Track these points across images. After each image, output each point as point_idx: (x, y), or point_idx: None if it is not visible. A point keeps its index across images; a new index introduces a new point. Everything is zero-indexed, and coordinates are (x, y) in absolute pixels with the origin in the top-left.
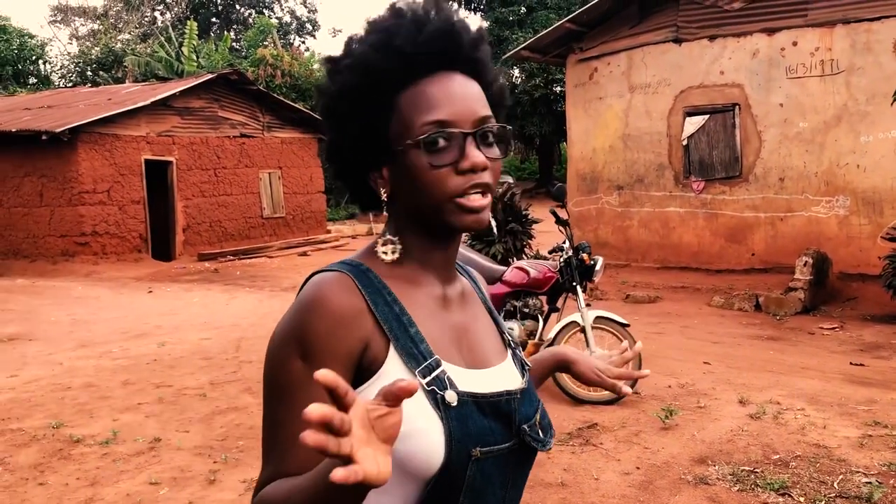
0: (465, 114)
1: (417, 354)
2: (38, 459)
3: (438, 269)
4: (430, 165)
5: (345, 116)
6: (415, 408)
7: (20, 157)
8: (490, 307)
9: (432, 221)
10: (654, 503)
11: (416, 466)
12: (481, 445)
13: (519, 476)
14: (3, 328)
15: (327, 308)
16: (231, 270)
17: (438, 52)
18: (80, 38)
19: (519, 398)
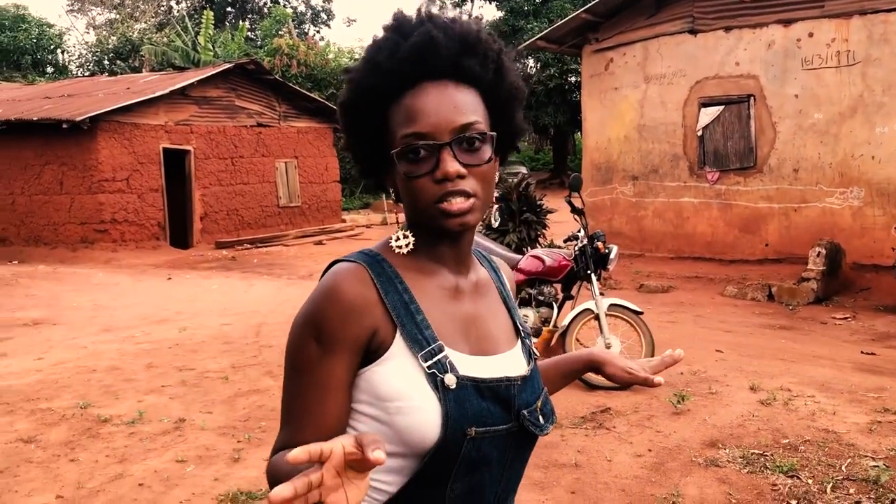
0: (441, 125)
1: (421, 340)
2: (68, 437)
3: (450, 261)
4: (406, 176)
5: (349, 128)
6: (415, 388)
7: (41, 146)
8: (507, 296)
9: (425, 223)
10: (665, 484)
11: (413, 439)
12: (477, 425)
13: (518, 457)
14: (28, 313)
15: (340, 298)
16: (248, 258)
17: (417, 65)
18: (98, 27)
19: (520, 384)
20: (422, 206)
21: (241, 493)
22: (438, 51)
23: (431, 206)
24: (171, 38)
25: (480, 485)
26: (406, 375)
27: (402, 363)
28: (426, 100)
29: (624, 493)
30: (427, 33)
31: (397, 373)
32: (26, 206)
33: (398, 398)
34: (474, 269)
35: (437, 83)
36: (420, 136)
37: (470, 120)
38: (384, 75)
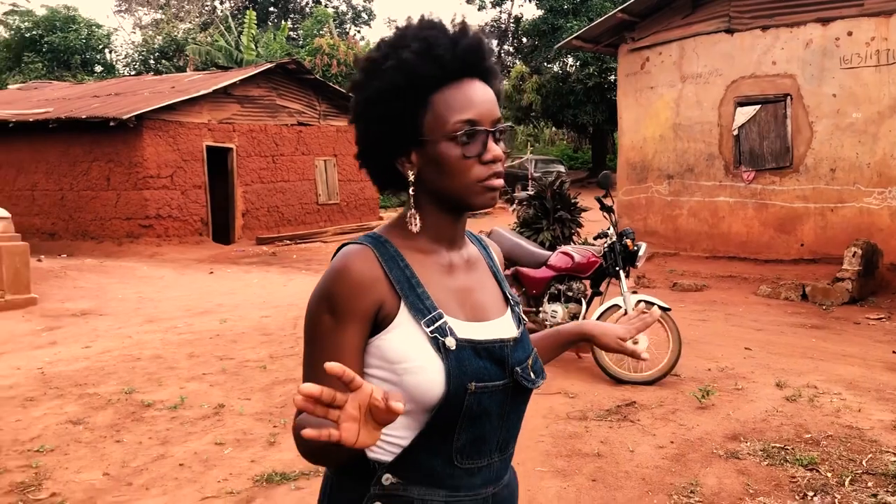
0: (487, 115)
1: (423, 309)
2: (113, 420)
3: (447, 241)
4: (462, 156)
5: (383, 109)
6: (420, 351)
7: (89, 143)
8: (496, 270)
9: (454, 200)
10: (685, 474)
11: (421, 395)
12: (477, 381)
13: (514, 410)
14: (77, 304)
15: (349, 276)
16: (287, 254)
17: (469, 62)
18: (144, 27)
19: (512, 345)
20: (464, 183)
21: (276, 474)
22: (484, 53)
23: (476, 184)
24: (214, 38)
25: (483, 434)
26: (411, 340)
27: (407, 330)
28: (476, 92)
29: (644, 481)
30: (478, 37)
31: (404, 338)
32: (75, 202)
33: (406, 360)
34: (466, 247)
35: (478, 80)
36: (473, 123)
37: (500, 114)
38: (441, 65)
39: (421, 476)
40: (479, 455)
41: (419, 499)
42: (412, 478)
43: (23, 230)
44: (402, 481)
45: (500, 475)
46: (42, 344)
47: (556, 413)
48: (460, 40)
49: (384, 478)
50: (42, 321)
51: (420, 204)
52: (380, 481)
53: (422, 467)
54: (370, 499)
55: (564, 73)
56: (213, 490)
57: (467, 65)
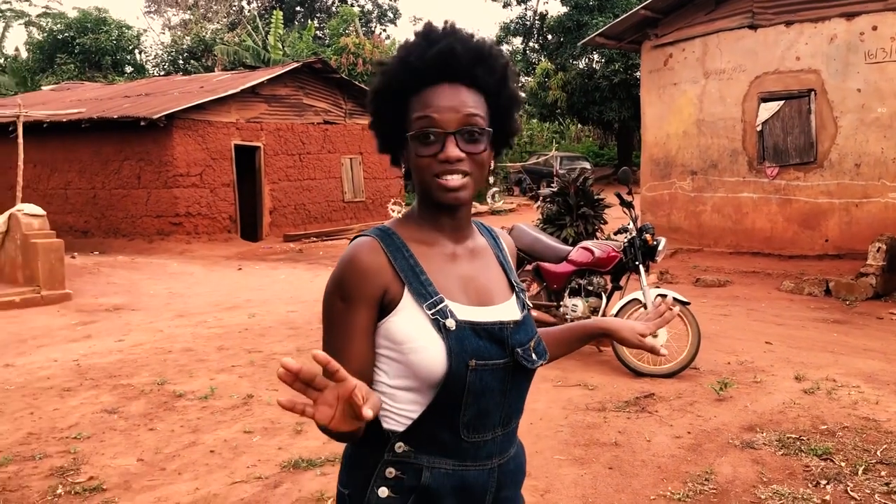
0: (449, 116)
1: (425, 294)
2: (146, 410)
3: (448, 231)
4: (416, 155)
5: (377, 111)
6: (423, 331)
7: (120, 142)
8: (503, 259)
9: (424, 194)
10: (700, 463)
11: (426, 372)
12: (477, 359)
13: (516, 387)
14: (109, 299)
15: (357, 265)
16: (314, 251)
17: (439, 67)
18: (172, 27)
19: (512, 327)
20: (426, 179)
21: (303, 461)
22: (457, 59)
23: (432, 181)
24: (242, 38)
25: (487, 409)
26: (415, 322)
27: (411, 313)
28: (441, 95)
29: (660, 469)
30: (450, 44)
31: (408, 321)
32: (106, 200)
33: (410, 340)
34: (473, 237)
35: (452, 84)
36: (431, 123)
37: (473, 115)
38: (412, 72)
39: (430, 446)
40: (484, 429)
41: (428, 466)
42: (422, 447)
43: (56, 228)
44: (413, 450)
45: (504, 448)
46: (77, 337)
47: (576, 404)
48: (431, 47)
49: (397, 446)
50: (77, 316)
51: (418, 198)
52: (393, 449)
53: (431, 438)
54: (384, 464)
55: (590, 69)
56: (242, 475)
57: (438, 70)
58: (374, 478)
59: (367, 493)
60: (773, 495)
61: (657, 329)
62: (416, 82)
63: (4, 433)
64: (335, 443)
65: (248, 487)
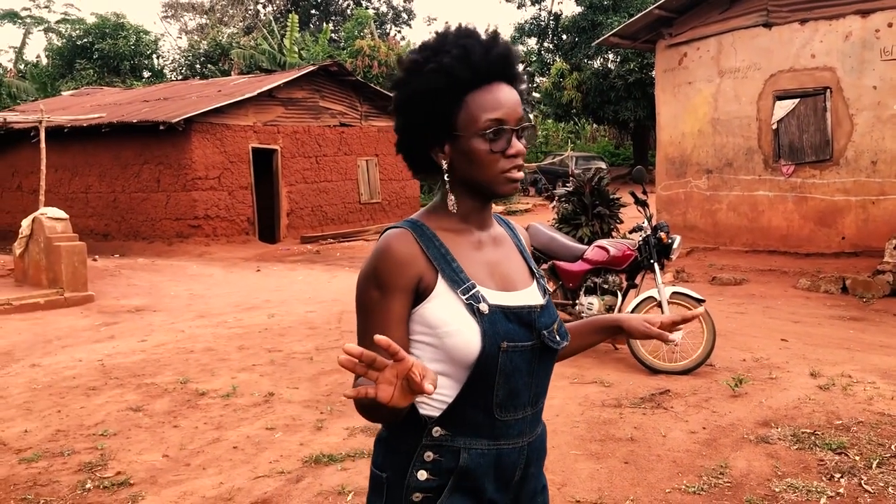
0: (512, 115)
1: (458, 280)
2: (170, 407)
3: (475, 222)
4: (489, 150)
5: (423, 106)
6: (458, 316)
7: (140, 146)
8: (522, 248)
9: (482, 187)
10: (715, 457)
11: (461, 354)
12: (508, 341)
13: (542, 368)
14: (131, 301)
15: (391, 255)
16: (331, 252)
17: (499, 68)
18: (189, 32)
19: (538, 311)
20: (493, 173)
21: (324, 456)
22: (513, 60)
23: (500, 175)
24: (258, 42)
25: (517, 390)
26: (450, 307)
27: (445, 299)
28: (504, 95)
29: (675, 464)
30: (507, 46)
31: (443, 306)
32: (127, 203)
33: (445, 325)
34: (493, 227)
35: (508, 84)
36: (501, 122)
37: (524, 114)
38: (475, 70)
39: (466, 428)
40: (515, 408)
41: (465, 448)
42: (458, 430)
43: (77, 231)
44: (450, 433)
45: (533, 427)
46: (101, 338)
47: (592, 401)
48: (492, 49)
49: (434, 430)
50: (99, 317)
51: (455, 189)
52: (430, 433)
53: (466, 420)
54: (422, 448)
55: (605, 69)
56: (265, 470)
57: (497, 70)
58: (412, 461)
59: (406, 476)
60: (788, 488)
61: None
62: (477, 80)
63: (33, 430)
64: (355, 439)
65: (271, 482)
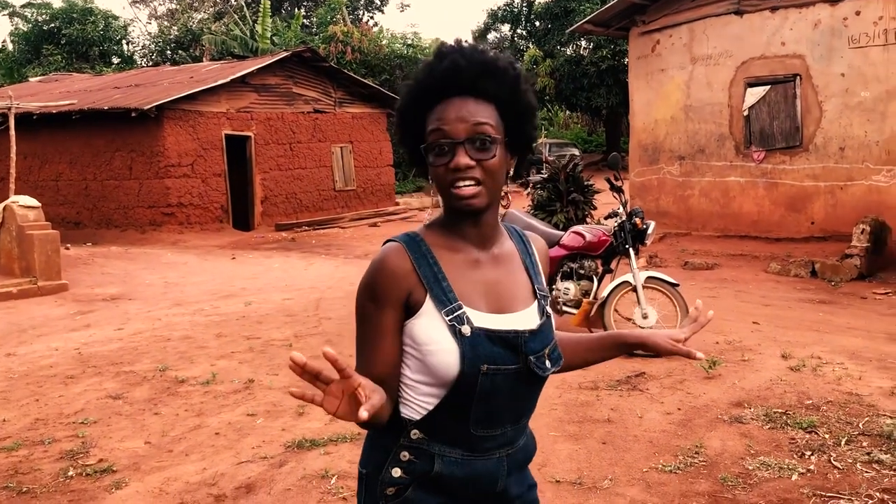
0: (457, 127)
1: (445, 300)
2: (150, 395)
3: (473, 238)
4: (432, 165)
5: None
6: (440, 336)
7: (111, 134)
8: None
9: (445, 203)
10: (691, 437)
11: (441, 372)
12: (490, 364)
13: (527, 392)
14: (106, 289)
15: (384, 269)
16: (307, 239)
17: (446, 83)
18: (159, 17)
19: (527, 336)
20: (442, 188)
21: (306, 441)
22: (461, 73)
23: (447, 190)
24: (229, 28)
25: (496, 410)
26: (434, 326)
27: (431, 318)
28: (449, 108)
29: (651, 444)
30: (454, 61)
31: (428, 324)
32: (98, 191)
33: (429, 343)
34: (499, 244)
35: (461, 98)
36: (442, 134)
37: (480, 123)
38: (424, 89)
39: (443, 436)
40: (493, 426)
41: (439, 454)
42: (435, 436)
43: (48, 219)
44: (427, 437)
45: (513, 440)
46: (76, 327)
47: (569, 383)
48: (437, 66)
49: (412, 432)
50: (74, 305)
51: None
52: (409, 435)
53: (443, 429)
54: (399, 448)
55: (578, 56)
56: (248, 455)
57: (446, 84)
58: (389, 459)
59: (381, 471)
60: (761, 466)
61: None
62: (428, 98)
63: (12, 419)
64: (337, 423)
65: (255, 467)
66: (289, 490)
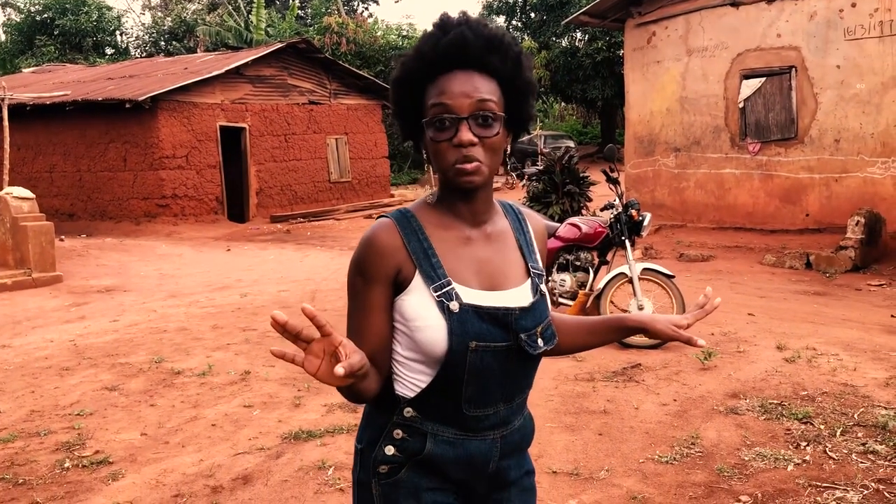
0: (462, 102)
1: (434, 276)
2: (146, 387)
3: (465, 216)
4: (432, 140)
5: (396, 100)
6: (429, 312)
7: (106, 125)
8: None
9: (444, 179)
10: (686, 428)
11: (429, 348)
12: (478, 341)
13: (519, 370)
14: (101, 281)
15: (373, 245)
16: (302, 231)
17: (451, 56)
18: (153, 8)
19: (518, 313)
20: (443, 165)
21: (303, 432)
22: (469, 46)
23: (448, 165)
24: (223, 19)
25: (487, 388)
26: (422, 302)
27: (420, 294)
28: (454, 81)
29: (647, 435)
30: (461, 33)
31: (417, 300)
32: (93, 183)
33: (417, 319)
34: (493, 220)
35: (465, 71)
36: (445, 109)
37: (485, 100)
38: (427, 61)
39: (435, 415)
40: (485, 405)
41: (432, 433)
42: (428, 414)
43: (42, 211)
44: (420, 416)
45: (507, 421)
46: (71, 318)
47: (565, 375)
48: (441, 38)
49: (406, 410)
50: (69, 297)
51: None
52: (402, 413)
53: (436, 408)
54: (393, 425)
55: (573, 47)
56: (244, 447)
57: (451, 57)
58: (382, 436)
59: (375, 448)
60: (756, 457)
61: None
62: (430, 71)
63: (7, 411)
64: (334, 415)
65: (251, 458)
66: (286, 481)
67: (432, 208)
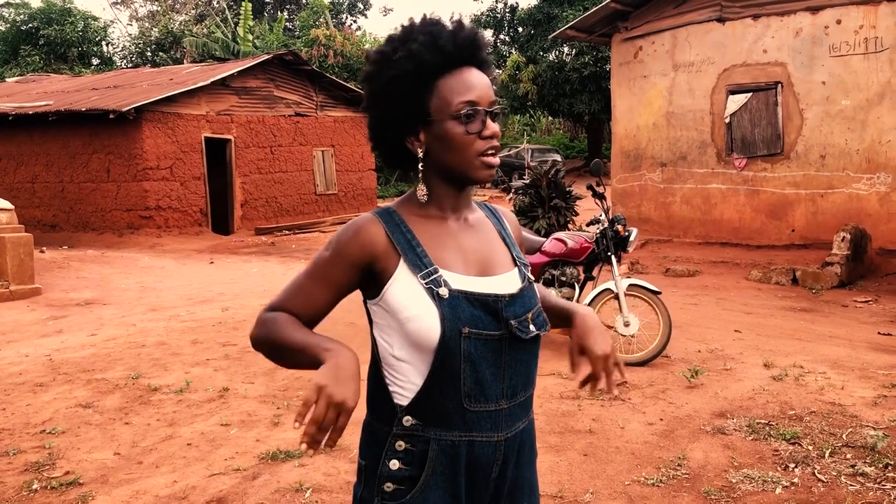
0: (485, 96)
1: (420, 264)
2: (122, 404)
3: (451, 209)
4: (465, 132)
5: (395, 94)
6: (418, 300)
7: (89, 135)
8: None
9: (457, 173)
10: (673, 449)
11: (423, 339)
12: (471, 327)
13: (515, 358)
14: (80, 294)
15: (354, 230)
16: (287, 244)
17: (468, 52)
18: (140, 19)
19: (507, 300)
20: (469, 156)
21: (281, 452)
22: (480, 44)
23: (476, 159)
24: (211, 30)
25: (485, 379)
26: (410, 291)
27: (406, 283)
28: (476, 77)
29: (633, 455)
30: (474, 30)
31: (403, 290)
32: (75, 194)
33: (406, 309)
34: (471, 211)
35: (475, 68)
36: (474, 104)
37: (495, 98)
38: (445, 54)
39: (437, 418)
40: (486, 400)
41: (435, 438)
42: (429, 419)
43: (24, 222)
44: (421, 422)
45: (512, 421)
46: (48, 332)
47: (550, 393)
48: (459, 33)
49: (405, 420)
50: (47, 310)
51: (427, 177)
52: (401, 423)
53: (436, 410)
54: (394, 437)
55: (560, 62)
56: (220, 467)
57: (467, 54)
58: (384, 450)
59: (379, 465)
60: (744, 479)
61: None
62: (446, 65)
63: None
64: None
65: (227, 479)
66: None
67: (412, 203)
